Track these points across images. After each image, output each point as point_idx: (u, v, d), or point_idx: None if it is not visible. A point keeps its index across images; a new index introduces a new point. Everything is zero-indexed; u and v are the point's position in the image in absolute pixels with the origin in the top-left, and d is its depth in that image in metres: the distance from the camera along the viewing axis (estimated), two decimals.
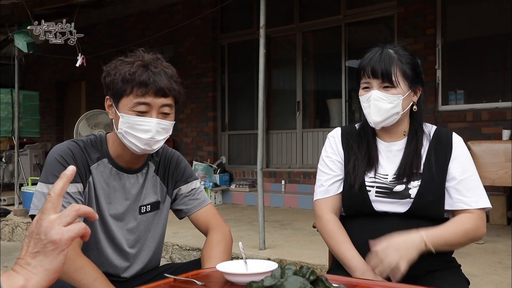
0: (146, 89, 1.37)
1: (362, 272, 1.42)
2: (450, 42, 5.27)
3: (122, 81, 1.38)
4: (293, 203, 5.81)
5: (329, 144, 1.63)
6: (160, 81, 1.38)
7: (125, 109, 1.39)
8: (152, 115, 1.39)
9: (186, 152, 7.13)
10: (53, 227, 0.78)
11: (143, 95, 1.37)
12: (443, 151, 1.52)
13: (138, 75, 1.37)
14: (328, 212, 1.56)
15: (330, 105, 6.40)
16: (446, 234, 1.41)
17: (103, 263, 1.48)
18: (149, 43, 7.15)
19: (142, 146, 1.41)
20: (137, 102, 1.38)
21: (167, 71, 1.42)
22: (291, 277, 0.93)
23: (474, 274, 2.84)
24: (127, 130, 1.40)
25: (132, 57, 1.43)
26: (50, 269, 0.77)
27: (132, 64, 1.40)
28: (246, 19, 6.93)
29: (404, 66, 1.49)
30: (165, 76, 1.40)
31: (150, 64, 1.40)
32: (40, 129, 7.40)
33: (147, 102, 1.38)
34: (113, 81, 1.41)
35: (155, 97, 1.38)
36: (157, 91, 1.38)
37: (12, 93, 6.09)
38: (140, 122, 1.39)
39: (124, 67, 1.40)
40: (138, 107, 1.38)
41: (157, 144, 1.44)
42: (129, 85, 1.38)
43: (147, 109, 1.39)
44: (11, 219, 5.36)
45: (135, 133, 1.39)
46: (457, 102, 5.14)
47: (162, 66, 1.42)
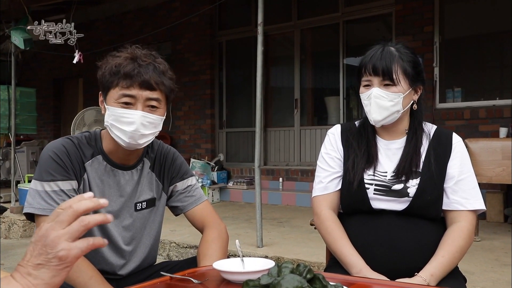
0: (131, 81, 1.35)
1: (359, 269, 1.42)
2: (448, 40, 5.27)
3: (110, 74, 1.38)
4: (290, 200, 5.81)
5: (329, 141, 1.63)
6: (145, 74, 1.36)
7: (111, 101, 1.39)
8: (137, 107, 1.37)
9: (184, 149, 7.12)
10: (60, 242, 0.75)
11: (128, 87, 1.36)
12: (442, 151, 1.52)
13: (123, 66, 1.36)
14: (326, 209, 1.56)
15: (328, 102, 6.40)
16: (445, 265, 1.41)
17: (99, 261, 1.48)
18: (147, 40, 7.14)
19: (126, 140, 1.39)
20: (122, 94, 1.37)
21: (157, 65, 1.40)
22: (287, 275, 0.93)
23: (471, 272, 2.84)
24: (112, 122, 1.39)
25: (123, 51, 1.42)
26: (50, 284, 0.75)
27: (120, 57, 1.40)
28: (244, 16, 6.91)
29: (405, 64, 1.48)
30: (153, 69, 1.38)
31: (139, 58, 1.39)
32: (37, 126, 7.38)
33: (132, 94, 1.36)
34: (102, 75, 1.41)
35: (140, 90, 1.36)
36: (142, 83, 1.36)
37: (8, 90, 6.06)
38: (124, 114, 1.37)
39: (113, 60, 1.40)
40: (122, 99, 1.37)
41: (144, 138, 1.40)
42: (115, 77, 1.37)
43: (132, 101, 1.37)
44: (7, 217, 5.34)
45: (120, 125, 1.38)
46: (454, 99, 5.14)
47: (153, 60, 1.40)
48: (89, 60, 5.23)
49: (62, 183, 1.38)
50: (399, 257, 1.44)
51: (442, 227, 1.52)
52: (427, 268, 1.40)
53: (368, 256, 1.45)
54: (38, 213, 1.36)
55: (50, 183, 1.37)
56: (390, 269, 1.43)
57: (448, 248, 1.43)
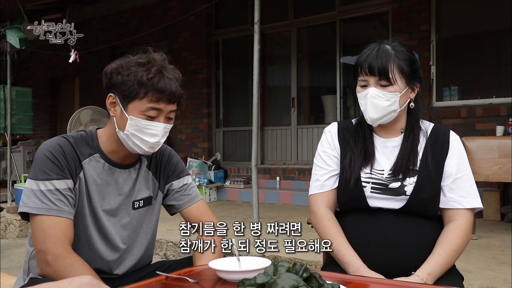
0: (161, 95, 1.37)
1: (356, 268, 1.42)
2: (445, 38, 5.28)
3: (138, 84, 1.36)
4: (288, 199, 5.80)
5: (326, 139, 1.62)
6: (173, 88, 1.39)
7: (136, 112, 1.39)
8: (160, 119, 1.40)
9: (181, 148, 7.10)
10: None
11: (157, 101, 1.38)
12: (440, 149, 1.51)
13: (156, 81, 1.36)
14: (323, 207, 1.55)
15: (325, 101, 6.40)
16: (442, 263, 1.40)
17: (95, 260, 1.47)
18: (143, 39, 7.12)
19: (146, 149, 1.43)
20: (150, 107, 1.38)
21: (177, 76, 1.43)
22: (284, 274, 0.92)
23: (468, 270, 2.84)
24: (134, 132, 1.40)
25: (145, 58, 1.41)
26: None
27: (147, 67, 1.38)
28: (240, 15, 6.90)
29: (401, 62, 1.47)
30: (176, 82, 1.41)
31: (165, 69, 1.40)
32: (33, 126, 7.33)
33: (159, 108, 1.39)
34: (125, 82, 1.38)
35: (167, 104, 1.40)
36: (171, 99, 1.39)
37: (4, 89, 6.03)
38: (149, 126, 1.39)
39: (139, 69, 1.38)
40: (150, 112, 1.39)
41: (159, 146, 1.46)
42: (144, 89, 1.37)
43: (157, 114, 1.40)
44: (4, 216, 5.32)
45: (142, 136, 1.40)
46: (451, 98, 5.14)
47: (172, 71, 1.42)
48: (85, 59, 5.22)
49: (57, 182, 1.37)
50: (396, 255, 1.44)
51: (439, 225, 1.51)
52: (424, 267, 1.39)
53: (365, 255, 1.45)
54: (33, 213, 1.35)
55: (45, 182, 1.36)
56: (387, 268, 1.43)
57: (445, 247, 1.42)
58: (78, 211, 1.43)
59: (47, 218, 1.34)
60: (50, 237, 1.33)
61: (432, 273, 1.38)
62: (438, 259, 1.40)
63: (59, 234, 1.33)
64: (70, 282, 0.81)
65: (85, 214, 1.44)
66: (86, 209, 1.44)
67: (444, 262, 1.41)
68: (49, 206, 1.34)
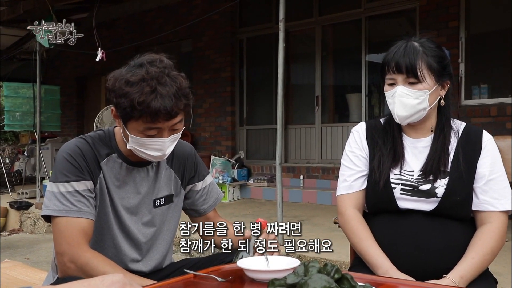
0: (156, 116, 1.31)
1: (386, 270, 1.39)
2: (474, 35, 5.15)
3: (131, 108, 1.30)
4: (311, 198, 5.76)
5: (353, 139, 1.59)
6: (169, 104, 1.30)
7: (135, 131, 1.36)
8: (163, 135, 1.37)
9: (204, 146, 7.14)
10: None
11: (154, 122, 1.32)
12: (472, 149, 1.47)
13: (147, 104, 1.28)
14: (350, 208, 1.53)
15: (350, 99, 6.33)
16: (475, 266, 1.37)
17: (122, 260, 1.48)
18: (168, 38, 7.18)
19: (153, 160, 1.44)
20: (148, 127, 1.34)
21: (176, 87, 1.32)
22: (315, 275, 0.91)
23: (499, 273, 2.76)
24: (137, 148, 1.39)
25: (137, 75, 1.31)
26: None
27: (140, 87, 1.29)
28: (265, 13, 6.88)
29: (429, 59, 1.43)
30: (174, 95, 1.31)
31: (159, 83, 1.30)
32: (61, 123, 7.50)
33: (158, 127, 1.34)
34: (118, 103, 1.33)
35: (165, 121, 1.34)
36: (168, 117, 1.32)
37: (33, 88, 6.18)
38: (150, 142, 1.37)
39: (130, 90, 1.30)
40: (149, 132, 1.35)
41: (167, 155, 1.45)
42: (138, 113, 1.31)
43: (157, 132, 1.36)
44: (32, 212, 5.45)
45: (146, 151, 1.39)
46: (480, 96, 5.02)
47: (171, 81, 1.32)
48: (112, 58, 5.29)
49: (76, 183, 1.38)
50: (426, 258, 1.41)
51: (472, 227, 1.47)
52: (457, 270, 1.36)
53: (394, 257, 1.42)
54: (54, 215, 1.37)
55: (65, 184, 1.37)
56: (416, 270, 1.40)
57: (479, 250, 1.38)
58: (101, 211, 1.45)
59: (65, 219, 1.35)
60: (65, 239, 1.34)
61: (465, 276, 1.35)
62: (471, 262, 1.37)
63: (74, 234, 1.34)
64: (102, 280, 0.82)
65: (108, 214, 1.46)
66: (109, 209, 1.46)
67: (477, 266, 1.37)
68: (69, 207, 1.36)
